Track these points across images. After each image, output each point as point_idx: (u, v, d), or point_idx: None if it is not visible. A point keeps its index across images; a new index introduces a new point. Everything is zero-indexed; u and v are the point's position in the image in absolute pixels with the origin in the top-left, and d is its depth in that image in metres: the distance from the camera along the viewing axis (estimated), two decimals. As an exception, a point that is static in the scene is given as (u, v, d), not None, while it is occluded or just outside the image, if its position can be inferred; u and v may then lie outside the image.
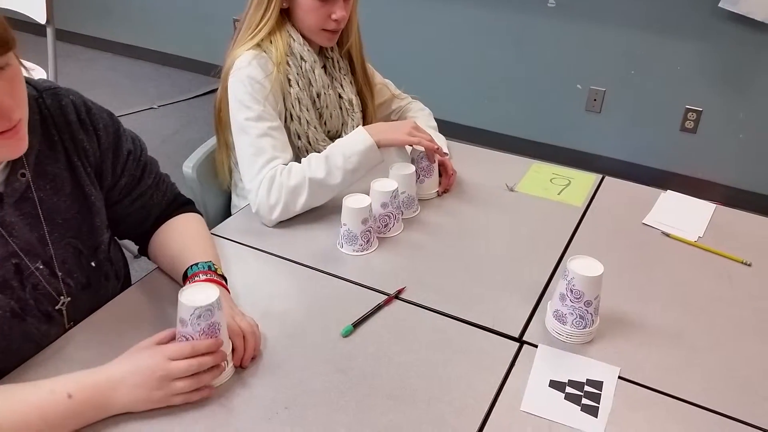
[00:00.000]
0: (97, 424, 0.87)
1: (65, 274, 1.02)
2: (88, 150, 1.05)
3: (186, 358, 0.89)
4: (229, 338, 0.97)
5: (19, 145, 0.90)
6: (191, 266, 1.08)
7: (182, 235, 1.18)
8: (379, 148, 1.36)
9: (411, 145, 1.41)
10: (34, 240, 0.98)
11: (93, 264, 1.07)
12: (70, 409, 0.84)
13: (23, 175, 0.97)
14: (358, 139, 1.35)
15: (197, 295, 0.91)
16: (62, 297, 1.02)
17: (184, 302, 0.89)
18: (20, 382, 0.89)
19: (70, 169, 1.03)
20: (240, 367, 0.99)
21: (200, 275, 1.06)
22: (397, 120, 1.75)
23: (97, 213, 1.07)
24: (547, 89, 3.35)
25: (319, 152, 1.38)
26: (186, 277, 1.08)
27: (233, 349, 0.97)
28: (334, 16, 1.42)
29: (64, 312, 1.03)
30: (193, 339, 0.91)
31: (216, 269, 1.09)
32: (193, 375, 0.90)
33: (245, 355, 0.98)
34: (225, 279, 1.11)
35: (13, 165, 0.96)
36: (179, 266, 1.10)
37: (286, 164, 1.36)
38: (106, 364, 0.90)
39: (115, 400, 0.87)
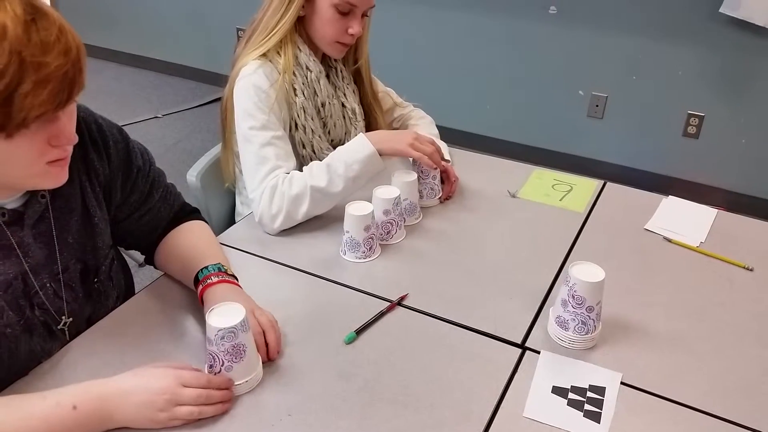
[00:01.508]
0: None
1: (68, 293, 1.03)
2: (98, 169, 1.06)
3: (198, 387, 0.90)
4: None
5: (63, 175, 0.92)
6: (201, 270, 1.09)
7: (190, 241, 1.19)
8: (381, 156, 1.36)
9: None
10: (44, 259, 0.99)
11: (95, 284, 1.08)
12: (75, 420, 0.85)
13: (43, 197, 0.98)
14: (359, 146, 1.35)
15: (224, 315, 0.92)
16: (63, 317, 1.03)
17: (210, 323, 0.91)
18: (25, 393, 0.89)
19: (80, 189, 1.04)
20: (268, 360, 1.01)
21: (212, 278, 1.07)
22: (399, 128, 1.76)
23: (100, 234, 1.08)
24: (549, 95, 3.36)
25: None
26: (197, 281, 1.09)
27: (258, 348, 0.99)
28: (351, 31, 1.43)
29: (66, 332, 1.04)
30: (218, 357, 0.92)
31: (226, 270, 1.10)
32: (197, 405, 0.90)
33: (270, 350, 1.01)
34: (236, 278, 1.12)
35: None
36: (189, 271, 1.11)
37: (289, 173, 1.37)
38: (115, 377, 0.90)
39: (118, 413, 0.87)
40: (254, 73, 1.39)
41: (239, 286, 1.10)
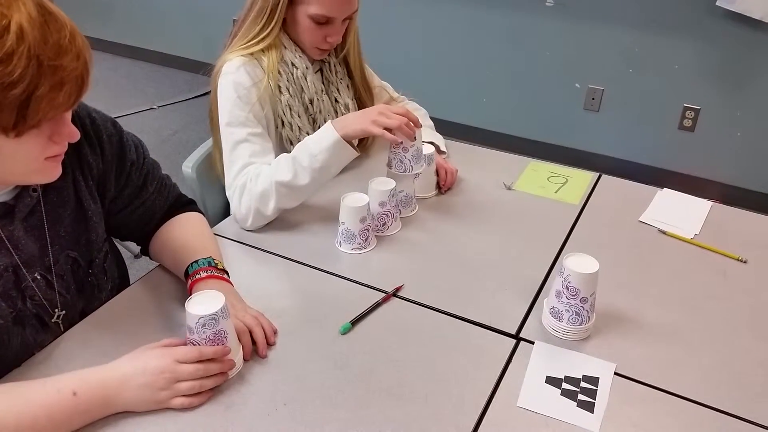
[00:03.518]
0: (98, 421, 0.88)
1: (61, 286, 1.03)
2: (91, 163, 1.06)
3: (193, 362, 0.91)
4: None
5: (57, 170, 0.92)
6: (191, 264, 1.09)
7: (183, 233, 1.19)
8: (353, 141, 1.30)
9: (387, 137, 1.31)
10: (36, 252, 0.99)
11: (88, 277, 1.08)
12: (75, 407, 0.85)
13: (35, 190, 0.97)
14: (324, 134, 1.29)
15: (203, 303, 0.92)
16: (56, 310, 1.03)
17: (190, 311, 0.91)
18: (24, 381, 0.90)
19: (73, 183, 1.04)
20: (261, 357, 1.02)
21: (201, 272, 1.07)
22: None
23: (94, 228, 1.08)
24: (546, 88, 3.36)
25: None
26: (187, 275, 1.09)
27: (242, 345, 1.00)
28: (329, 39, 1.42)
29: (60, 324, 1.04)
30: (199, 345, 0.93)
31: (216, 264, 1.10)
32: (197, 379, 0.91)
33: (258, 348, 1.01)
34: (227, 273, 1.12)
35: None
36: (181, 264, 1.11)
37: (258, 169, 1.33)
38: (112, 362, 0.91)
39: (119, 397, 0.88)
40: (237, 70, 1.38)
41: (229, 282, 1.10)
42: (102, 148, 1.07)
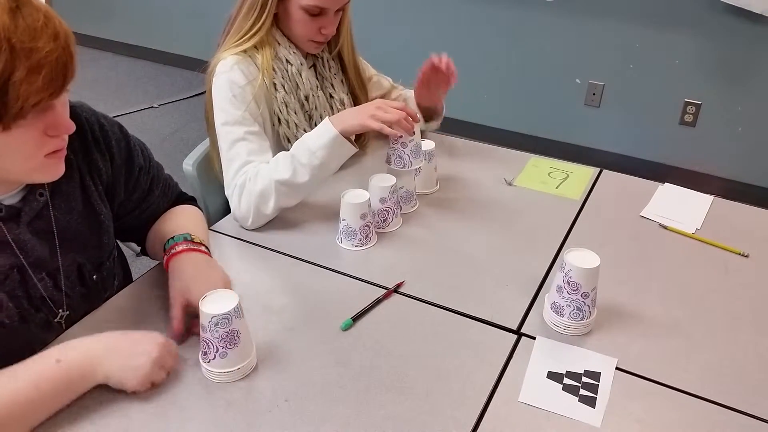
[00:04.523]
0: (95, 406, 0.88)
1: (68, 287, 1.03)
2: (101, 169, 1.06)
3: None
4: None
5: (60, 168, 0.92)
6: (167, 242, 1.10)
7: (168, 224, 1.19)
8: (352, 137, 1.30)
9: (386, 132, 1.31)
10: (43, 255, 0.99)
11: (95, 279, 1.09)
12: (58, 374, 0.85)
13: (41, 195, 0.97)
14: (322, 132, 1.28)
15: (217, 302, 0.93)
16: (61, 311, 1.03)
17: (204, 310, 0.92)
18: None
19: (83, 188, 1.04)
20: None
21: (176, 247, 1.08)
22: None
23: (106, 231, 1.08)
24: (546, 84, 3.35)
25: None
26: (164, 252, 1.10)
27: None
28: (323, 31, 1.41)
29: (63, 324, 1.04)
30: (212, 344, 0.93)
31: (192, 238, 1.10)
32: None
33: None
34: (205, 246, 1.12)
35: (32, 185, 0.96)
36: (161, 249, 1.13)
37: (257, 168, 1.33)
38: (99, 334, 0.92)
39: (101, 366, 0.88)
40: (231, 69, 1.38)
41: (206, 253, 1.11)
42: (111, 155, 1.08)
